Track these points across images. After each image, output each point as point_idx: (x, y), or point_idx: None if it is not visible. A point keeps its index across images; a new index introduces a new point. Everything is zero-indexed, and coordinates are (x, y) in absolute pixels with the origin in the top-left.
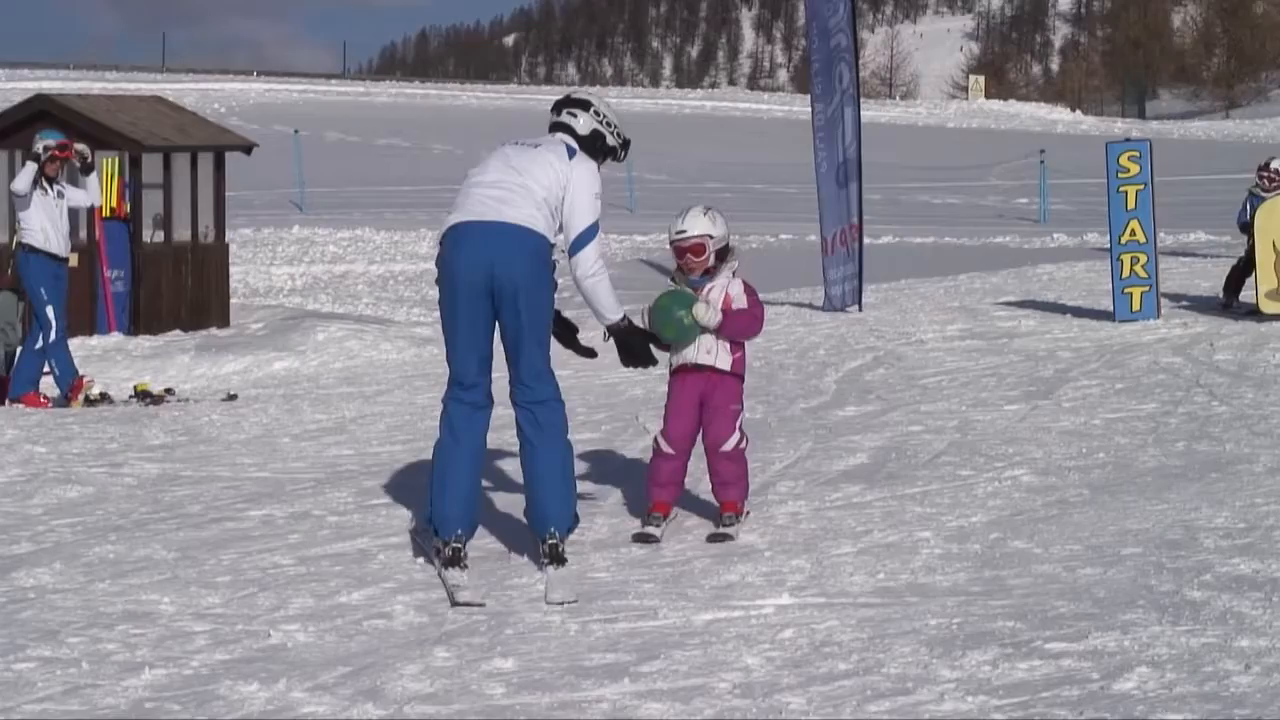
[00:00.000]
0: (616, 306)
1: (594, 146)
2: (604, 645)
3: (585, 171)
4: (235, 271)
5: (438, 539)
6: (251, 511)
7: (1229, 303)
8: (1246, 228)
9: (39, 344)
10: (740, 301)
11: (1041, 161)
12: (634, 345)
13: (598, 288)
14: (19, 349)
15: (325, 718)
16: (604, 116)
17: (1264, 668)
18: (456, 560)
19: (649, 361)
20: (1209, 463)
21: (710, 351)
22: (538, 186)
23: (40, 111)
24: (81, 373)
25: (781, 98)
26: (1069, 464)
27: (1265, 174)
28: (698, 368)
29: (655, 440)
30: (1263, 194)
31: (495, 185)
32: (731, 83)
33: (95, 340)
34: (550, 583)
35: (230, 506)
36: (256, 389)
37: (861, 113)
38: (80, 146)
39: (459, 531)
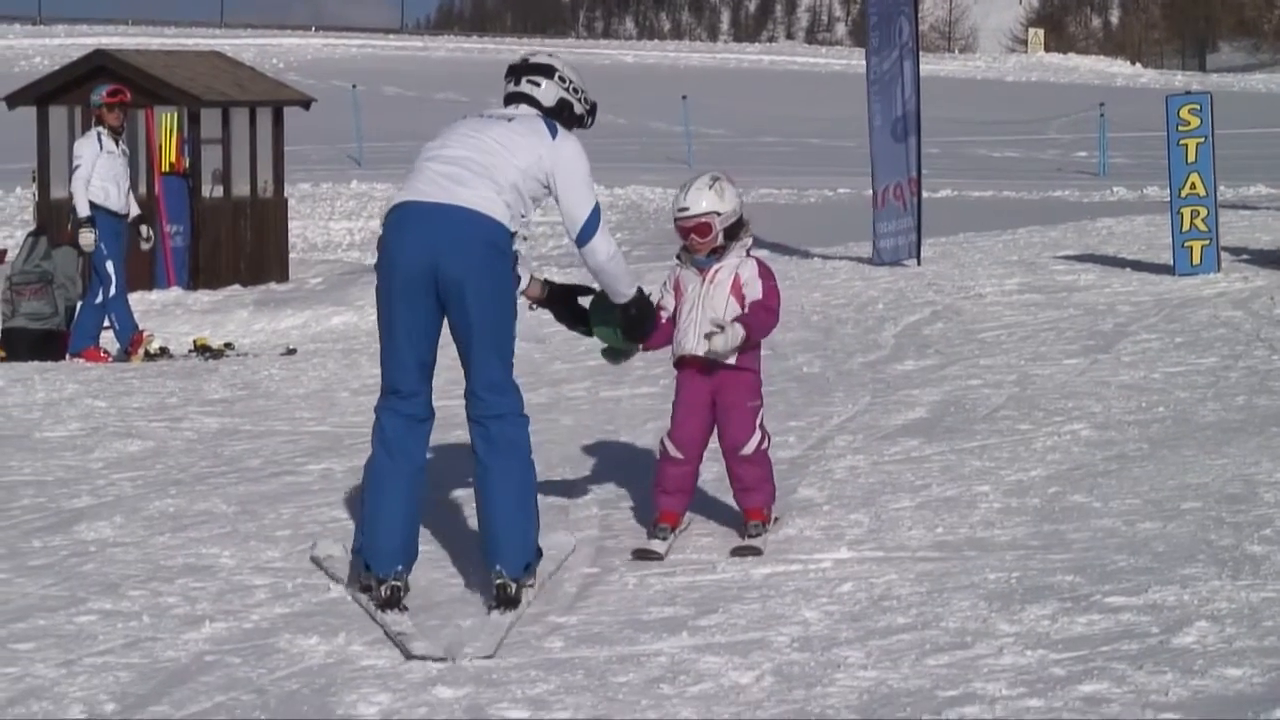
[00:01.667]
0: (631, 282)
1: (560, 117)
2: (662, 599)
3: (572, 152)
4: (294, 226)
5: (369, 574)
6: (310, 466)
7: None
8: None
9: (99, 299)
10: (753, 288)
11: (1101, 115)
12: (644, 315)
13: (617, 269)
14: (79, 304)
15: (385, 670)
16: (569, 82)
17: None
18: (395, 602)
19: (649, 333)
20: (1270, 417)
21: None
22: (508, 167)
23: (99, 67)
24: (141, 327)
25: (839, 51)
26: (1128, 418)
27: None
28: (699, 361)
29: (661, 443)
30: None
31: (451, 161)
32: (789, 37)
33: (155, 295)
34: (466, 632)
35: (289, 461)
36: (315, 344)
37: (920, 66)
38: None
39: (399, 568)
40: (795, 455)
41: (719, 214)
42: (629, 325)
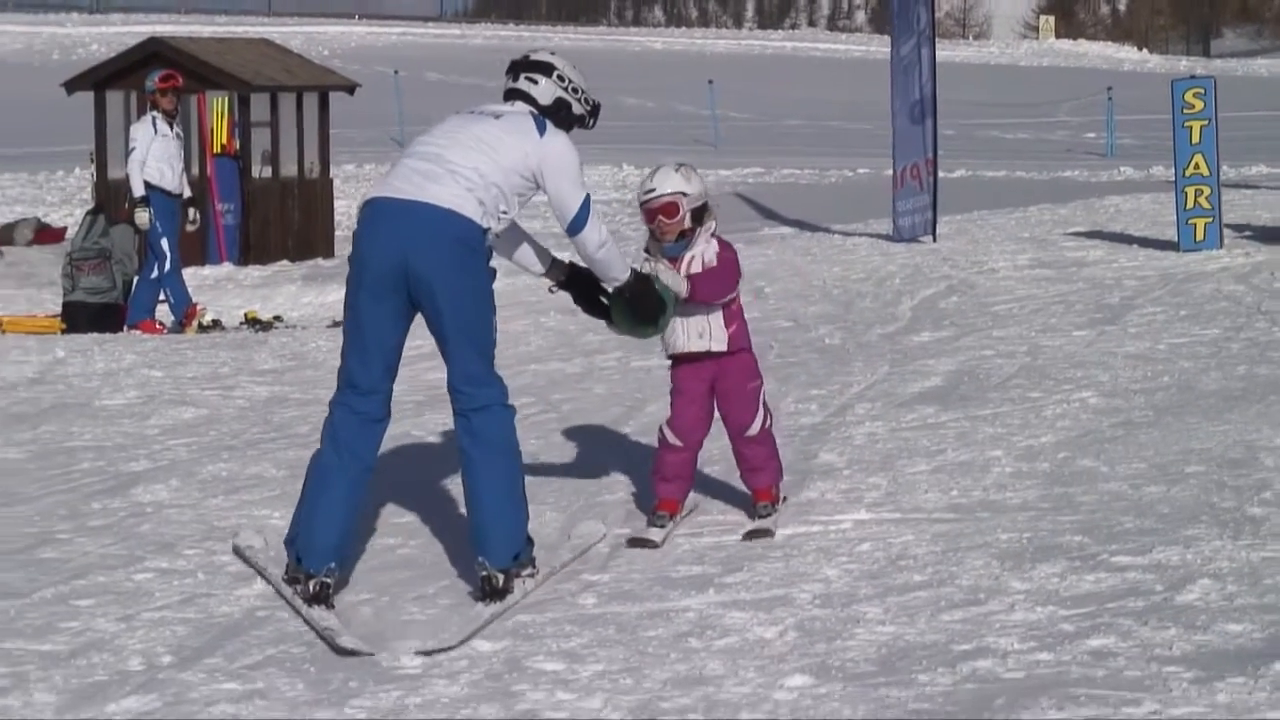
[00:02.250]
0: (625, 267)
1: (558, 116)
2: (690, 558)
3: (561, 147)
4: (339, 205)
5: (299, 569)
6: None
7: None
8: None
9: (154, 274)
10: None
11: (1109, 98)
12: (646, 296)
13: (609, 257)
14: (136, 279)
15: (429, 623)
16: (569, 81)
17: None
18: (323, 598)
19: (659, 313)
20: (1269, 385)
21: (703, 334)
22: (487, 165)
23: (153, 54)
24: (195, 301)
25: (859, 38)
26: (1134, 387)
27: None
28: (693, 355)
29: (661, 430)
30: None
31: (426, 158)
32: (811, 24)
33: (207, 270)
34: (434, 623)
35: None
36: None
37: (937, 52)
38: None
39: (331, 565)
40: (817, 422)
41: (685, 194)
42: (631, 307)
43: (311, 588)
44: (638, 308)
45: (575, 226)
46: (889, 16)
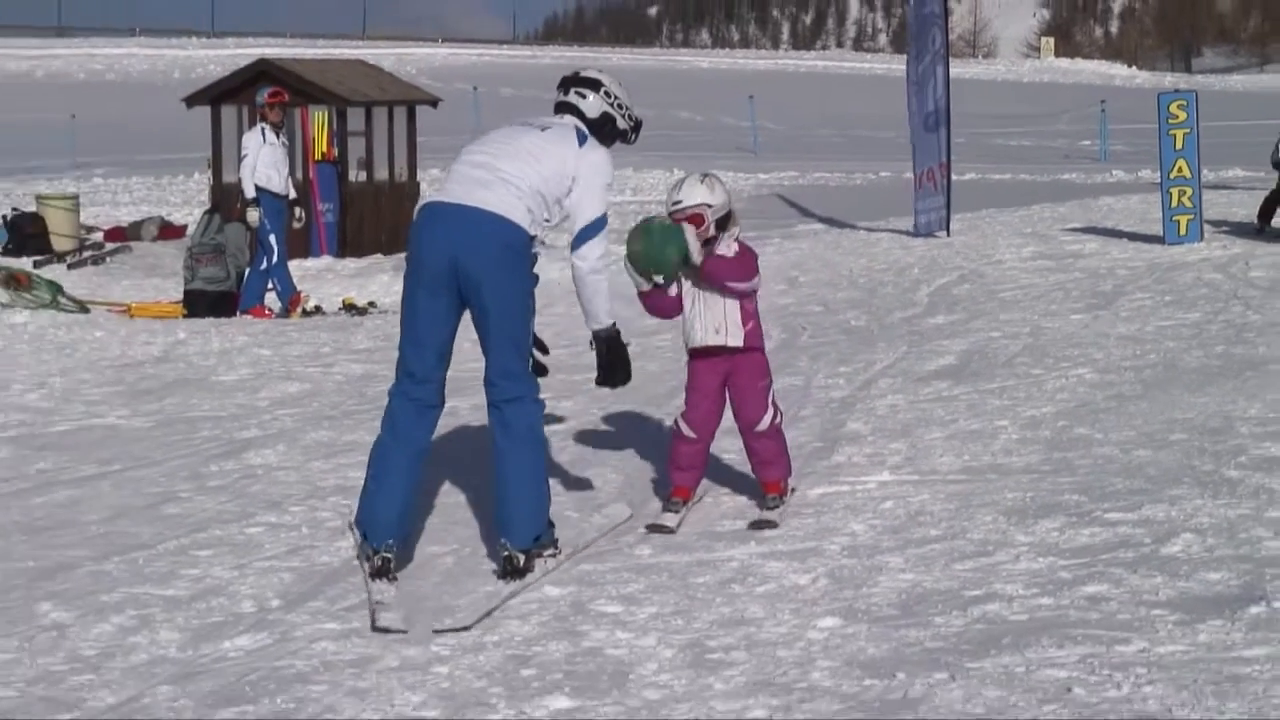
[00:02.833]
0: (609, 312)
1: (603, 130)
2: (733, 514)
3: (597, 159)
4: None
5: (367, 545)
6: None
7: (1262, 228)
8: (1278, 165)
9: (264, 265)
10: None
11: (1102, 110)
12: (617, 357)
13: (599, 285)
14: (247, 270)
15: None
16: (615, 98)
17: None
18: (385, 571)
19: (626, 379)
20: (1244, 363)
21: (719, 330)
22: (532, 173)
23: (262, 73)
24: (299, 289)
25: (881, 58)
26: (1125, 364)
27: None
28: (709, 350)
29: (676, 423)
30: None
31: (480, 166)
32: (839, 45)
33: (310, 262)
34: (444, 607)
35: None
36: None
37: (950, 70)
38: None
39: (389, 541)
40: (845, 395)
41: (710, 206)
42: (599, 361)
43: (376, 562)
44: (604, 366)
45: (581, 237)
46: (908, 38)
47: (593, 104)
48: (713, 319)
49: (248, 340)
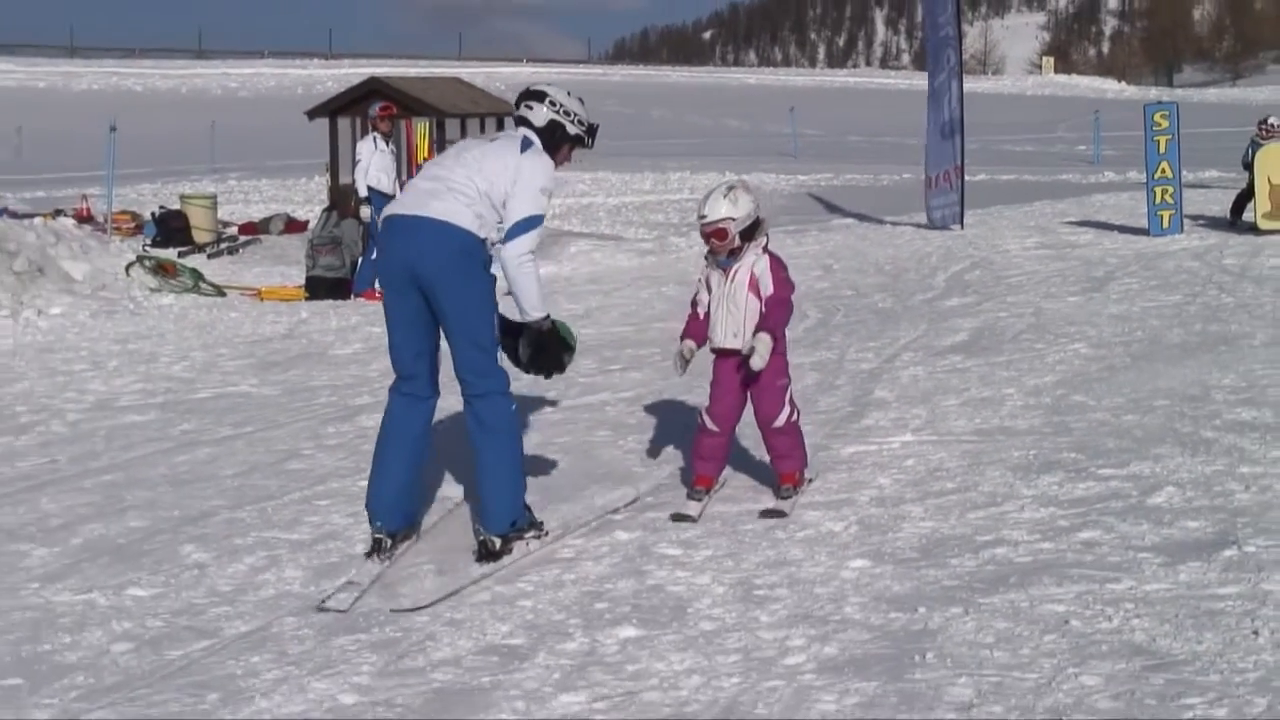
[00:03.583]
0: (541, 304)
1: (554, 137)
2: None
3: (534, 164)
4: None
5: (371, 527)
6: (523, 376)
7: (1234, 222)
8: (1248, 166)
9: (374, 255)
10: (765, 281)
11: (1096, 119)
12: (548, 348)
13: (521, 277)
14: (360, 259)
15: (576, 524)
16: (560, 105)
17: (1259, 488)
18: (379, 549)
19: (558, 369)
20: (1219, 339)
21: (736, 335)
22: (479, 180)
23: (373, 90)
24: None
25: (905, 74)
26: (1115, 339)
27: (1263, 127)
28: (730, 351)
29: (700, 416)
30: (1260, 141)
31: (432, 178)
32: (868, 64)
33: None
34: (415, 582)
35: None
36: None
37: (963, 85)
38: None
39: (379, 523)
40: (873, 367)
41: (733, 219)
42: (530, 348)
43: (373, 540)
44: (534, 355)
45: (511, 233)
46: (927, 58)
47: (539, 113)
48: (733, 324)
49: (360, 320)
